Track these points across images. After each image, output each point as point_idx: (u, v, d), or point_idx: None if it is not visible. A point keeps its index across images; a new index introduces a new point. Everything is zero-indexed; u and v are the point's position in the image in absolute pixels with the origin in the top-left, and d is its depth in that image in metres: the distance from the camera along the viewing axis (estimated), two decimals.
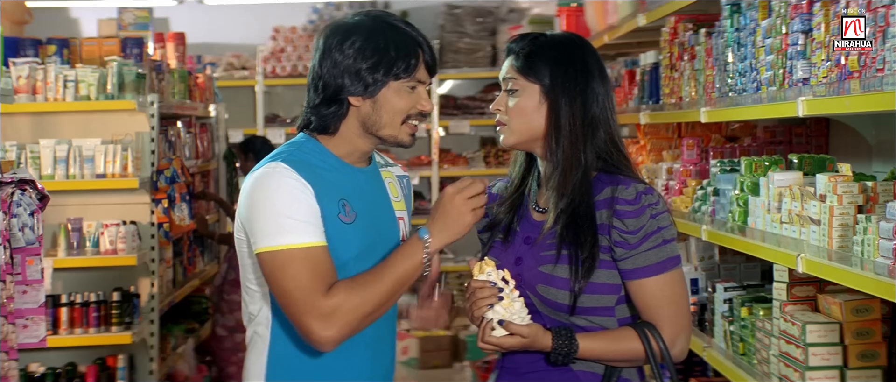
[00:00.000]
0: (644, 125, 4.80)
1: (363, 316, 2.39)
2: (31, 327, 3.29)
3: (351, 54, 2.46)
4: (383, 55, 2.45)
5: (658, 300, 2.44)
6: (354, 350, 2.49)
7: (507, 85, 2.53)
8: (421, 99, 2.52)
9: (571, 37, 2.57)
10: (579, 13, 6.09)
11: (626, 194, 2.42)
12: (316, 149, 2.52)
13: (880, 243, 2.46)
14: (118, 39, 5.58)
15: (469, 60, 8.32)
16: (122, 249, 5.02)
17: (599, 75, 2.52)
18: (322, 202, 2.42)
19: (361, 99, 2.48)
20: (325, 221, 2.42)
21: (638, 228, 2.41)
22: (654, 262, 2.42)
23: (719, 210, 3.53)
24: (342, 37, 2.48)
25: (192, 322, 6.27)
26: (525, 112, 2.50)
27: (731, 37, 3.41)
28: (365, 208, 2.51)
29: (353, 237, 2.47)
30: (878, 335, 2.89)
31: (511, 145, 2.54)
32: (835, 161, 3.19)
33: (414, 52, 2.49)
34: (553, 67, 2.49)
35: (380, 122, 2.49)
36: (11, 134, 5.07)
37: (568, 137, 2.47)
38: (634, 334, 2.43)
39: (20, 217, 3.20)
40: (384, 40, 2.47)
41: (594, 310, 2.44)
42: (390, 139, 2.51)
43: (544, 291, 2.44)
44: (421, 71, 2.50)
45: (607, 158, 2.49)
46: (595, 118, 2.49)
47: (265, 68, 8.30)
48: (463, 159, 8.37)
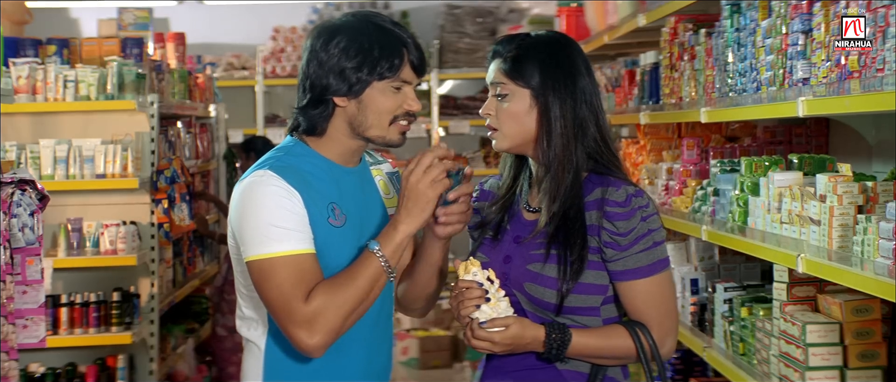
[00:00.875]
0: (644, 125, 4.80)
1: (345, 316, 2.38)
2: (31, 327, 3.29)
3: (335, 54, 2.46)
4: (367, 55, 2.45)
5: (648, 301, 2.45)
6: (349, 351, 2.50)
7: (496, 90, 2.51)
8: (407, 99, 2.50)
9: (556, 36, 2.57)
10: (579, 13, 6.09)
11: (617, 195, 2.43)
12: (304, 152, 2.52)
13: (880, 243, 2.46)
14: (118, 39, 5.58)
15: (469, 60, 8.32)
16: (122, 249, 5.02)
17: (586, 72, 2.51)
18: (310, 208, 2.42)
19: (347, 99, 2.48)
20: (315, 226, 2.42)
21: (628, 230, 2.41)
22: (645, 264, 2.43)
23: (719, 210, 3.53)
24: (327, 37, 2.48)
25: (192, 322, 6.27)
26: (516, 116, 2.49)
27: (732, 37, 3.41)
28: (356, 210, 2.51)
29: (344, 241, 2.47)
30: (879, 335, 2.89)
31: (504, 149, 2.54)
32: (835, 161, 3.19)
33: (398, 52, 2.48)
34: (541, 69, 2.48)
35: (366, 122, 2.48)
36: (11, 134, 5.06)
37: (559, 139, 2.47)
38: (625, 332, 2.45)
39: (20, 217, 3.20)
40: (368, 40, 2.46)
41: (580, 310, 2.45)
42: (379, 140, 2.50)
43: (532, 289, 2.45)
44: (406, 71, 2.49)
45: (598, 157, 2.49)
46: (584, 118, 2.48)
47: (265, 68, 8.31)
48: (463, 159, 8.37)
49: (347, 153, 2.54)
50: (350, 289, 2.39)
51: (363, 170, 2.60)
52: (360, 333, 2.48)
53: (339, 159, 2.53)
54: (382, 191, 2.62)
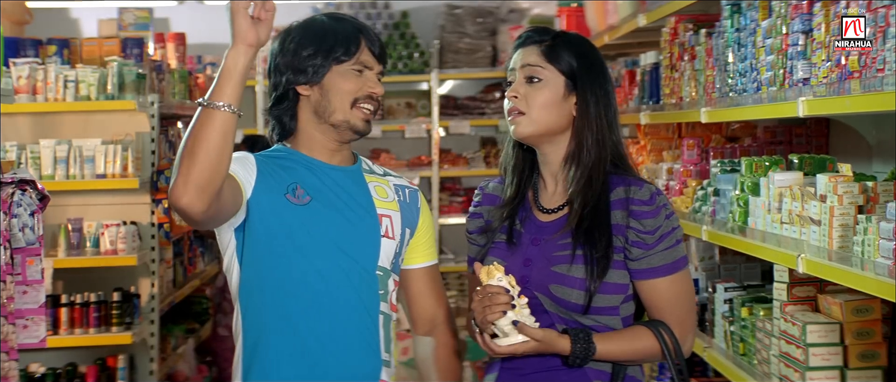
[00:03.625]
0: (644, 125, 4.80)
1: (187, 156, 2.25)
2: (31, 327, 3.29)
3: (291, 49, 2.54)
4: (321, 42, 2.53)
5: (670, 299, 2.45)
6: (322, 354, 2.51)
7: (528, 73, 2.49)
8: (368, 82, 2.55)
9: (585, 37, 2.59)
10: (580, 13, 6.10)
11: (641, 194, 2.43)
12: (285, 151, 2.59)
13: (880, 243, 2.45)
14: (118, 40, 5.57)
15: (469, 60, 8.31)
16: (122, 249, 5.02)
17: (607, 73, 2.55)
18: (266, 181, 2.48)
19: (309, 88, 2.54)
20: (271, 200, 2.48)
21: (655, 228, 2.42)
22: (669, 262, 2.44)
23: (720, 210, 3.52)
24: (282, 38, 2.58)
25: (192, 323, 6.26)
26: (549, 102, 2.48)
27: (732, 37, 3.41)
28: (327, 197, 2.54)
29: (306, 219, 2.50)
30: (879, 335, 2.89)
31: (526, 135, 2.50)
32: (835, 161, 3.19)
33: (354, 37, 2.54)
34: (579, 62, 2.49)
35: (330, 107, 2.53)
36: (12, 134, 5.06)
37: (595, 134, 2.47)
38: (649, 332, 2.44)
39: (20, 217, 3.20)
40: (321, 29, 2.55)
41: (603, 310, 2.44)
42: (343, 125, 2.54)
43: (557, 291, 2.43)
44: (365, 55, 2.55)
45: (618, 157, 2.50)
46: (613, 118, 2.51)
47: (265, 69, 8.30)
48: (463, 159, 8.36)
49: (324, 150, 2.58)
50: (186, 137, 2.30)
51: (353, 171, 2.62)
52: (334, 333, 2.51)
53: (321, 156, 2.57)
54: (377, 194, 2.62)
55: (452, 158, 8.35)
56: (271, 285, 2.52)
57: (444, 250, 8.21)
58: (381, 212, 2.59)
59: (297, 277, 2.51)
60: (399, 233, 2.61)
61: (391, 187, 2.65)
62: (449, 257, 8.04)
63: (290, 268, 2.50)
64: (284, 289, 2.51)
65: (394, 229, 2.60)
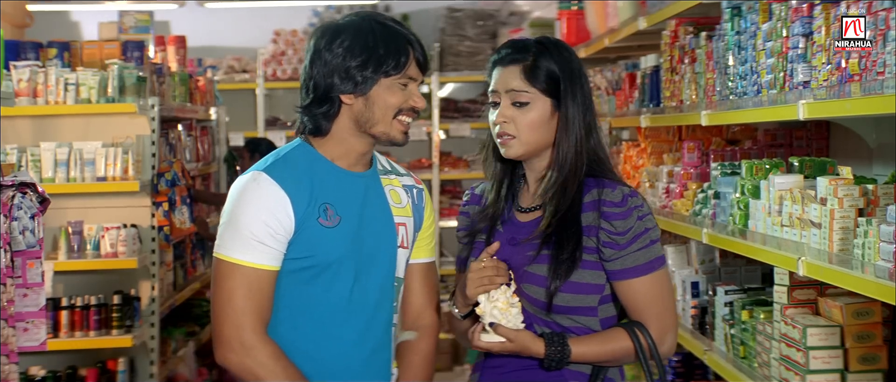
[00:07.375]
0: (645, 128, 4.80)
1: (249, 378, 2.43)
2: (31, 330, 3.29)
3: (340, 53, 2.47)
4: (372, 53, 2.46)
5: (646, 299, 2.47)
6: (315, 351, 2.51)
7: (513, 98, 2.51)
8: (413, 95, 2.52)
9: (559, 41, 2.60)
10: (580, 16, 6.09)
11: (613, 196, 2.46)
12: (307, 154, 2.52)
13: (881, 246, 2.45)
14: (119, 43, 5.58)
15: (470, 63, 8.32)
16: (122, 252, 5.02)
17: (585, 75, 2.56)
18: (300, 209, 2.44)
19: (353, 97, 2.49)
20: (305, 227, 2.44)
21: (626, 229, 2.44)
22: (643, 262, 2.45)
23: (720, 213, 3.52)
24: (331, 37, 2.49)
25: (192, 326, 6.26)
26: (538, 125, 2.51)
27: (732, 40, 3.41)
28: (354, 212, 2.51)
29: (336, 240, 2.47)
30: (879, 338, 2.89)
31: (518, 156, 2.54)
32: (835, 164, 3.19)
33: (404, 49, 2.49)
34: (562, 76, 2.51)
35: (372, 118, 2.49)
36: (12, 137, 5.07)
37: (574, 145, 2.50)
38: (624, 333, 2.47)
39: (21, 220, 3.20)
40: (373, 38, 2.47)
41: (578, 310, 2.47)
42: (383, 136, 2.51)
43: (527, 289, 2.48)
44: (412, 68, 2.50)
45: (595, 160, 2.52)
46: (591, 122, 2.53)
47: (266, 71, 8.31)
48: (463, 161, 8.37)
49: (353, 154, 2.54)
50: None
51: (371, 176, 2.59)
52: (346, 334, 2.50)
53: (343, 161, 2.53)
54: (393, 199, 2.60)
55: (453, 161, 8.36)
56: (300, 305, 2.50)
57: (445, 252, 8.21)
58: (398, 220, 2.58)
59: (323, 296, 2.49)
60: (411, 241, 2.62)
61: (402, 188, 2.64)
62: (449, 260, 8.04)
63: (318, 288, 2.49)
64: (311, 309, 2.50)
65: (408, 238, 2.60)
